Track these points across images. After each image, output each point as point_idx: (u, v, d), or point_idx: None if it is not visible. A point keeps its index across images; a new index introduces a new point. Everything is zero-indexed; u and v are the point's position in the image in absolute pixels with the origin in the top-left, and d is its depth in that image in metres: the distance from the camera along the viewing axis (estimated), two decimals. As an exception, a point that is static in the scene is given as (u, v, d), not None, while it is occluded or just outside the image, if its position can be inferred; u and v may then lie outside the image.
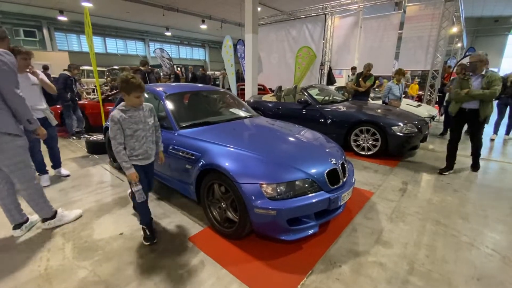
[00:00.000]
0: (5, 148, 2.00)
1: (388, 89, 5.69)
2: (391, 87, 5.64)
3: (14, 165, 2.08)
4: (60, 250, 2.09)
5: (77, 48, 19.68)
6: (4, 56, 1.92)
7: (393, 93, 5.61)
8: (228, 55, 7.77)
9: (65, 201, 2.88)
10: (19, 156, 2.10)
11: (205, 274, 1.83)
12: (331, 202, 2.06)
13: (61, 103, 5.40)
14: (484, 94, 3.33)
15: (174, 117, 2.78)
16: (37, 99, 3.09)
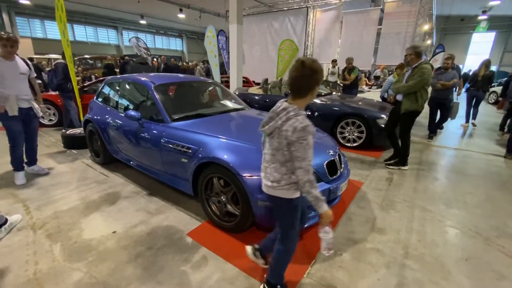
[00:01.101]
0: None
1: (389, 84, 5.54)
2: (392, 82, 5.35)
3: None
4: (48, 252, 1.94)
5: (41, 34, 18.07)
6: None
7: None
8: (212, 45, 7.55)
9: (45, 200, 2.66)
10: None
11: (210, 269, 1.80)
12: (331, 193, 2.10)
13: (62, 95, 4.84)
14: (399, 87, 3.38)
15: (165, 109, 2.65)
16: (24, 89, 2.89)
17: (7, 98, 2.70)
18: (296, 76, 1.26)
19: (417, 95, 3.28)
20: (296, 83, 1.28)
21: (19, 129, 2.87)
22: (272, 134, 1.33)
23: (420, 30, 8.15)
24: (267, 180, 1.40)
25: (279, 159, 1.33)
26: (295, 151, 1.25)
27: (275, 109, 1.33)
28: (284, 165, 1.33)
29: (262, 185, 1.47)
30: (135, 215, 2.42)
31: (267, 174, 1.41)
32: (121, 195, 2.78)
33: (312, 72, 1.25)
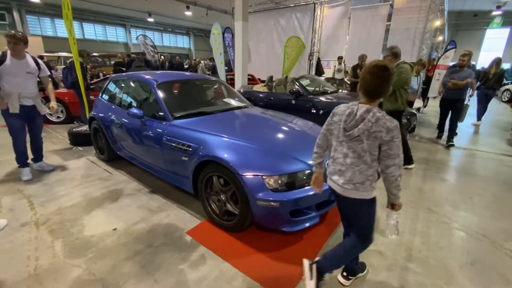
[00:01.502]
0: None
1: None
2: None
3: None
4: (49, 248, 1.97)
5: (51, 33, 18.44)
6: None
7: (410, 85, 4.80)
8: (217, 43, 7.53)
9: (49, 196, 2.71)
10: None
11: (207, 268, 1.79)
12: (331, 193, 2.05)
13: (77, 92, 4.82)
14: None
15: (167, 107, 2.65)
16: (29, 87, 2.92)
17: (9, 95, 2.75)
18: (381, 81, 1.29)
19: (396, 95, 3.27)
20: (380, 87, 1.31)
21: (19, 125, 2.93)
22: (358, 137, 1.31)
23: (431, 26, 7.93)
24: (346, 183, 1.39)
25: (366, 160, 1.33)
26: (389, 150, 1.28)
27: (350, 114, 1.34)
28: (371, 166, 1.34)
29: (337, 188, 1.45)
30: (136, 213, 2.44)
31: (345, 177, 1.40)
32: (123, 192, 2.81)
33: (391, 74, 1.31)
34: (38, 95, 3.01)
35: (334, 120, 1.45)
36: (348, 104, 1.40)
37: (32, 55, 2.97)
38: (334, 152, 1.46)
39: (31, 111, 2.98)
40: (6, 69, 2.69)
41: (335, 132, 1.44)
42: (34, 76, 2.92)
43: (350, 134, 1.33)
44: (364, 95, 1.35)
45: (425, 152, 4.35)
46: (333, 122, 1.46)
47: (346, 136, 1.35)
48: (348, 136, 1.34)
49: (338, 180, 1.44)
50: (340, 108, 1.43)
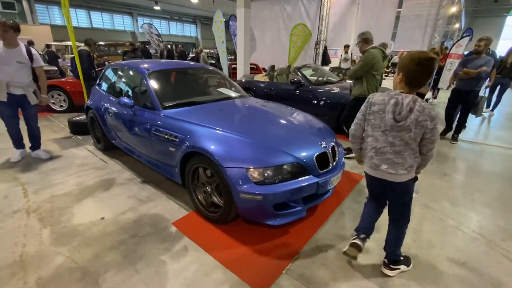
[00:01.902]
0: None
1: None
2: None
3: None
4: (37, 235, 2.00)
5: (60, 21, 18.56)
6: None
7: None
8: (219, 31, 7.38)
9: (44, 184, 2.75)
10: None
11: (188, 260, 1.78)
12: (319, 187, 1.99)
13: (87, 83, 4.76)
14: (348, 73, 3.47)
15: (157, 96, 2.61)
16: (19, 76, 2.91)
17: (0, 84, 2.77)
18: (427, 72, 1.34)
19: (363, 80, 3.29)
20: (426, 78, 1.36)
21: (8, 113, 2.97)
22: (407, 126, 1.35)
23: (445, 13, 7.50)
24: (400, 169, 1.45)
25: (413, 147, 1.42)
26: (432, 136, 1.37)
27: (395, 104, 1.37)
28: (416, 151, 1.44)
29: (388, 176, 1.50)
30: (125, 202, 2.45)
31: (398, 165, 1.45)
32: (115, 182, 2.82)
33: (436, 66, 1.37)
34: (31, 85, 3.00)
35: (372, 110, 1.47)
36: (385, 94, 1.44)
37: (26, 45, 2.95)
38: (376, 142, 1.49)
39: (22, 100, 2.99)
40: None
41: (375, 122, 1.47)
42: (26, 66, 2.90)
43: (402, 125, 1.36)
44: (406, 85, 1.39)
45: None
46: (372, 112, 1.48)
47: (397, 126, 1.38)
48: (399, 127, 1.38)
49: (388, 169, 1.47)
50: (378, 97, 1.46)
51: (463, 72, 3.99)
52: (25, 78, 2.94)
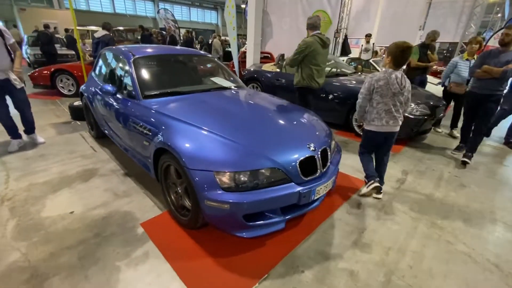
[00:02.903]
0: None
1: (452, 67, 3.95)
2: (457, 64, 3.88)
3: None
4: (2, 226, 1.92)
5: (84, 6, 18.97)
6: None
7: (458, 73, 3.88)
8: (231, 16, 7.02)
9: (27, 170, 2.70)
10: None
11: (146, 268, 1.61)
12: (301, 197, 1.72)
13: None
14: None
15: (139, 84, 2.42)
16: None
17: None
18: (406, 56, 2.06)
19: (299, 69, 3.25)
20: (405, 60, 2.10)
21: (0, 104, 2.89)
22: (403, 92, 2.15)
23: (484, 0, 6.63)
24: (398, 122, 2.27)
25: (403, 106, 2.24)
26: (409, 98, 2.24)
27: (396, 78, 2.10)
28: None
29: (390, 128, 2.29)
30: (100, 196, 2.32)
31: (397, 120, 2.25)
32: (97, 173, 2.71)
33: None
34: (10, 67, 2.87)
35: (379, 84, 2.15)
36: (383, 72, 2.16)
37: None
38: (385, 106, 2.20)
39: (6, 86, 2.88)
40: None
41: (383, 92, 2.16)
42: (2, 45, 2.77)
43: (402, 91, 2.14)
44: (394, 65, 2.10)
45: (449, 150, 3.71)
46: (379, 86, 2.16)
47: (399, 92, 2.14)
48: (400, 93, 2.15)
49: (393, 124, 2.25)
50: (379, 76, 2.16)
51: (482, 70, 2.99)
52: (4, 60, 2.81)
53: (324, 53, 3.21)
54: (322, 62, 3.22)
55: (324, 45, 3.17)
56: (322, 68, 3.25)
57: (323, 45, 3.14)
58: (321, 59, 3.17)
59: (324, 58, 3.27)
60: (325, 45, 3.18)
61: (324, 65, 3.32)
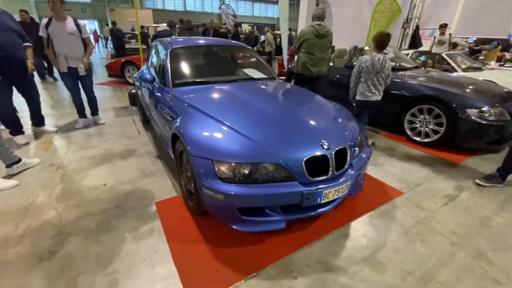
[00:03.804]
0: None
1: None
2: None
3: None
4: (51, 189, 2.30)
5: (160, 6, 21.15)
6: None
7: None
8: (283, 8, 6.86)
9: (84, 145, 3.17)
10: None
11: (147, 244, 1.72)
12: (304, 198, 1.58)
13: None
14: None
15: (171, 73, 2.57)
16: (73, 49, 3.30)
17: (58, 55, 3.21)
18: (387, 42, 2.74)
19: (296, 57, 3.65)
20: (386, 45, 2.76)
21: (70, 83, 3.44)
22: (384, 70, 2.74)
23: None
24: (381, 93, 2.89)
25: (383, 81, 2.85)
26: (390, 76, 2.86)
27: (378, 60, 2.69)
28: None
29: (376, 98, 2.90)
30: (131, 173, 2.57)
31: (380, 91, 2.87)
32: (135, 153, 3.01)
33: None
34: (82, 57, 3.38)
35: (366, 65, 2.73)
36: (369, 55, 2.75)
37: (74, 18, 3.29)
38: (371, 82, 2.80)
39: (77, 72, 3.39)
40: (52, 30, 3.11)
41: (368, 71, 2.74)
42: (76, 37, 3.25)
43: (384, 70, 2.74)
44: (378, 49, 2.75)
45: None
46: (365, 67, 2.74)
47: (380, 71, 2.73)
48: (381, 72, 2.75)
49: (378, 95, 2.87)
50: (366, 58, 2.74)
51: None
52: (78, 50, 3.33)
53: (319, 43, 3.36)
54: (317, 51, 3.39)
55: (319, 36, 3.31)
56: (317, 57, 3.42)
57: (318, 35, 3.30)
58: (316, 48, 3.36)
59: (320, 47, 3.40)
60: (320, 35, 3.31)
61: (320, 54, 3.43)
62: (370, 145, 2.25)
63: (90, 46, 3.46)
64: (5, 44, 2.76)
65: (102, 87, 6.41)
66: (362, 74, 2.78)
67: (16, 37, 2.91)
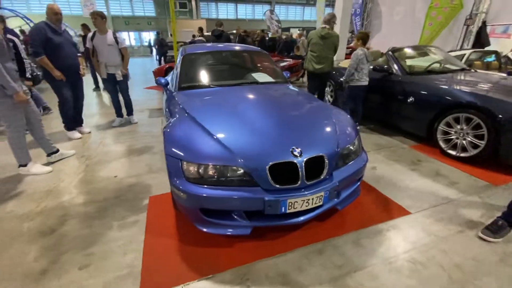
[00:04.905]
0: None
1: None
2: None
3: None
4: (75, 176, 2.68)
5: (214, 15, 22.57)
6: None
7: None
8: (320, 11, 6.65)
9: (114, 140, 3.61)
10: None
11: (126, 233, 1.87)
12: (265, 205, 1.52)
13: None
14: None
15: (179, 77, 2.75)
16: (112, 58, 3.82)
17: (101, 63, 3.73)
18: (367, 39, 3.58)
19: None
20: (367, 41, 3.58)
21: (109, 87, 3.97)
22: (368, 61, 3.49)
23: None
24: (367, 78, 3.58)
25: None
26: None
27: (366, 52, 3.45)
28: None
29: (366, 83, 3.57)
30: (140, 168, 2.82)
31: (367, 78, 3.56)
32: (151, 150, 3.29)
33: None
34: (119, 65, 3.87)
35: (362, 57, 3.40)
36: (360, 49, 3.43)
37: (112, 31, 3.79)
38: (366, 70, 3.51)
39: (114, 77, 3.89)
40: (96, 42, 3.64)
41: (363, 61, 3.43)
42: (114, 47, 3.74)
43: (368, 60, 3.49)
44: (362, 44, 3.48)
45: None
46: (361, 58, 3.40)
47: (369, 61, 3.50)
48: (368, 61, 3.48)
49: (367, 81, 3.53)
50: (360, 52, 3.40)
51: None
52: (116, 59, 3.82)
53: (321, 44, 3.83)
54: (317, 51, 3.88)
55: (322, 37, 3.81)
56: (318, 55, 3.90)
57: (321, 37, 3.81)
58: (317, 48, 3.88)
59: (322, 47, 3.85)
60: (322, 37, 3.81)
61: (322, 53, 3.88)
62: (366, 153, 2.03)
63: (126, 56, 3.92)
64: (69, 55, 3.39)
65: (148, 90, 7.17)
66: (359, 64, 3.40)
67: (74, 49, 3.52)
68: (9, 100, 2.39)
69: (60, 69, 3.29)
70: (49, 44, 3.19)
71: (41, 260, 1.65)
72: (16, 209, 2.16)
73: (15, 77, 2.42)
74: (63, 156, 3.05)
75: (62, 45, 3.29)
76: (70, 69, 3.41)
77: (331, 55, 3.93)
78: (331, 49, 3.89)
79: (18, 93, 2.37)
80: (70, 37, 3.49)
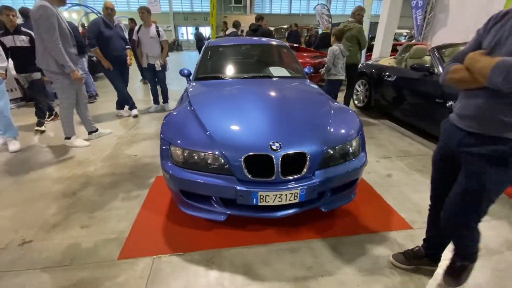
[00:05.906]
0: (54, 81, 2.88)
1: None
2: None
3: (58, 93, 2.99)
4: (103, 151, 3.08)
5: (268, 10, 22.64)
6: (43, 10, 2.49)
7: None
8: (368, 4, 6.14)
9: (146, 124, 4.00)
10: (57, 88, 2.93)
11: (126, 205, 2.10)
12: (238, 195, 1.56)
13: None
14: None
15: (198, 68, 2.90)
16: (153, 49, 4.22)
17: (143, 54, 4.14)
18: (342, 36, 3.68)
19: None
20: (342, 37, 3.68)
21: (149, 76, 4.41)
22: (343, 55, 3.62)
23: None
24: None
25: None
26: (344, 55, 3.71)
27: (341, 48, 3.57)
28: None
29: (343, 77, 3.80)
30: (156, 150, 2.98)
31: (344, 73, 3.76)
32: (173, 135, 3.55)
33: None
34: (159, 56, 4.23)
35: (337, 52, 3.52)
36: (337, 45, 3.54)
37: (157, 25, 4.15)
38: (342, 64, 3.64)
39: (155, 68, 4.28)
40: (141, 35, 4.04)
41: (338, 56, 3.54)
42: (156, 40, 4.11)
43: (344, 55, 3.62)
44: (338, 40, 3.59)
45: None
46: (338, 53, 3.52)
47: (344, 56, 3.64)
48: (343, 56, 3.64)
49: (343, 75, 3.73)
50: (336, 48, 3.52)
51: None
52: (156, 51, 4.19)
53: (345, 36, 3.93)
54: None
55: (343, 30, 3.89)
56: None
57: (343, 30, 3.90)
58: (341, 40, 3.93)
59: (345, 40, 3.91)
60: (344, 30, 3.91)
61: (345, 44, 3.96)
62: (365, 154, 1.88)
63: (165, 48, 4.29)
64: (118, 47, 3.87)
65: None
66: (335, 59, 3.53)
67: (123, 42, 3.99)
68: (67, 80, 2.86)
69: (108, 59, 3.77)
70: (101, 36, 3.69)
71: (56, 216, 1.98)
72: (53, 173, 2.60)
73: (74, 60, 2.87)
74: (101, 135, 3.52)
75: (111, 38, 3.76)
76: (117, 59, 3.89)
77: (353, 47, 3.96)
78: (353, 42, 3.96)
79: (74, 71, 2.82)
80: (121, 31, 3.97)
